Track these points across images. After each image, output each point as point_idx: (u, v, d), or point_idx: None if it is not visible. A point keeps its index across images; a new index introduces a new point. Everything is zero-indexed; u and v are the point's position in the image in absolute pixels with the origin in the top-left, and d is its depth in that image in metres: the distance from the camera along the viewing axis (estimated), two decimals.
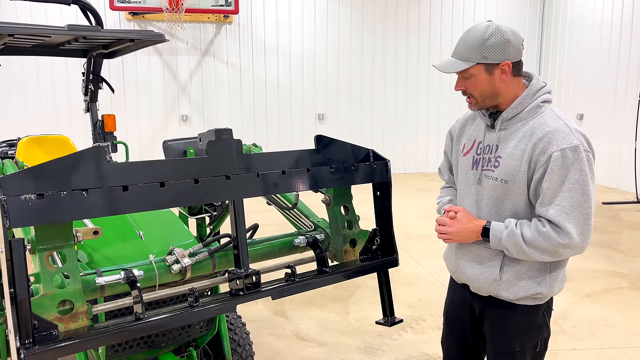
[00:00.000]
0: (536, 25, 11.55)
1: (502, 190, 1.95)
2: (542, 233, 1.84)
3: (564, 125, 1.85)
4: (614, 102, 9.68)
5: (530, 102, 1.93)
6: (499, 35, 1.87)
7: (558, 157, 1.80)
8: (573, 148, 1.80)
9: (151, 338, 2.28)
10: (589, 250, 5.85)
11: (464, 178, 2.12)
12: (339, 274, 2.15)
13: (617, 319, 4.28)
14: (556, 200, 1.81)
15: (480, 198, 2.03)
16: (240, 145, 1.84)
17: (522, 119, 1.93)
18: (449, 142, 2.29)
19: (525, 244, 1.86)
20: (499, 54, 1.88)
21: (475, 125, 2.13)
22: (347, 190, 2.29)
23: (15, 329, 1.43)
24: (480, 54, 1.88)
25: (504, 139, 1.96)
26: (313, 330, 4.10)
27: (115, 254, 2.24)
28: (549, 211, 1.82)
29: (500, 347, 2.06)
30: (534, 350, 2.06)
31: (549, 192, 1.82)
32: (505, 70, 1.90)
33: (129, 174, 1.61)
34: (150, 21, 9.80)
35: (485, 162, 2.00)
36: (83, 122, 7.25)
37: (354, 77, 10.99)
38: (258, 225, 2.22)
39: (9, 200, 1.40)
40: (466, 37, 1.92)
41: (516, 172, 1.90)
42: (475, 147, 2.07)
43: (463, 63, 1.90)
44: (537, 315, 2.05)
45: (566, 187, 1.80)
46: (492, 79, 1.91)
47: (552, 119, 1.88)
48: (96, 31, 3.21)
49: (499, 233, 1.91)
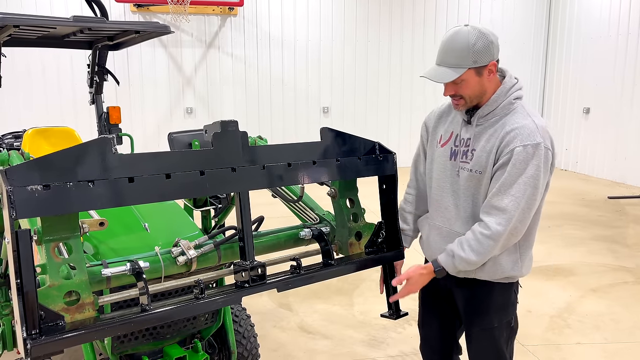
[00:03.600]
0: (543, 17, 11.46)
1: (477, 180, 2.08)
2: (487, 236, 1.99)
3: (532, 123, 1.99)
4: (620, 96, 9.62)
5: (503, 100, 2.05)
6: (483, 38, 1.98)
7: (520, 151, 1.94)
8: (535, 145, 1.95)
9: (157, 329, 2.29)
10: (595, 244, 5.92)
11: (442, 168, 2.22)
12: (344, 267, 2.15)
13: (622, 314, 4.27)
14: (511, 191, 1.96)
15: (457, 188, 2.16)
16: (246, 138, 1.84)
17: (495, 115, 2.06)
18: (424, 133, 2.37)
19: (474, 253, 2.01)
20: (487, 56, 1.99)
21: (451, 117, 2.24)
22: (353, 183, 2.28)
23: (21, 320, 1.44)
24: (470, 58, 1.97)
25: (478, 134, 2.08)
26: (318, 323, 4.11)
27: (121, 245, 2.24)
28: (504, 200, 1.97)
29: (480, 325, 2.20)
30: (509, 325, 2.22)
31: (506, 182, 1.97)
32: (492, 70, 2.03)
33: (134, 166, 1.60)
34: (155, 13, 9.78)
35: (461, 155, 2.13)
36: (88, 114, 7.25)
37: (359, 70, 10.95)
38: (263, 217, 2.21)
39: (15, 191, 1.40)
40: (452, 45, 1.99)
41: (487, 164, 2.04)
42: (453, 139, 2.19)
43: (455, 71, 1.98)
44: (510, 293, 2.20)
45: (522, 180, 1.95)
46: (482, 79, 2.02)
47: (522, 116, 2.02)
48: (101, 23, 3.20)
49: (448, 261, 2.07)
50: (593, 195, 8.59)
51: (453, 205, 2.17)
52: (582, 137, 10.61)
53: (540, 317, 4.20)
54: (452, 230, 2.18)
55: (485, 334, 2.20)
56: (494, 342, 2.21)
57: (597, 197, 8.46)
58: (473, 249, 2.02)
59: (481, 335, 2.22)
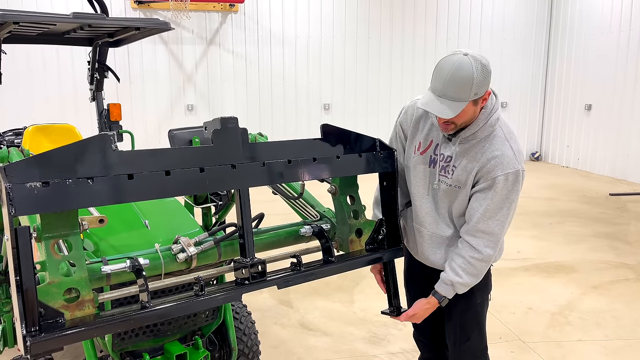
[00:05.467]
0: (544, 13, 11.41)
1: (455, 193, 2.20)
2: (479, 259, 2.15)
3: (509, 150, 2.11)
4: (622, 93, 9.59)
5: (485, 122, 2.11)
6: (482, 69, 1.97)
7: (502, 180, 2.08)
8: (515, 172, 2.09)
9: (157, 326, 2.29)
10: (596, 241, 5.92)
11: (421, 175, 2.28)
12: (345, 264, 2.15)
13: (623, 311, 4.27)
14: (496, 216, 2.11)
15: (435, 194, 2.26)
16: (246, 134, 1.83)
17: (476, 137, 2.13)
18: (401, 133, 2.38)
19: (470, 276, 2.18)
20: (485, 87, 2.02)
21: (429, 125, 2.27)
22: (353, 179, 2.27)
23: (21, 317, 1.44)
24: (472, 92, 1.97)
25: (460, 154, 2.16)
26: (318, 320, 4.11)
27: (120, 242, 2.24)
28: (490, 224, 2.12)
29: (466, 304, 2.34)
30: (487, 300, 2.43)
31: (490, 208, 2.11)
32: (486, 98, 2.08)
33: (134, 163, 1.60)
34: (155, 10, 9.76)
35: (441, 169, 2.22)
36: (89, 111, 7.25)
37: (360, 67, 10.93)
38: (264, 214, 2.21)
39: (14, 188, 1.39)
40: (455, 79, 1.95)
41: (466, 181, 2.15)
42: (433, 148, 2.25)
43: (457, 105, 1.98)
44: (488, 272, 2.37)
45: (505, 205, 2.11)
46: (477, 108, 2.07)
47: (501, 142, 2.12)
48: (101, 19, 3.19)
49: (448, 290, 2.22)
50: (594, 192, 8.58)
51: (432, 210, 2.28)
52: (583, 133, 10.59)
53: (541, 314, 4.19)
54: (434, 233, 2.30)
55: (470, 311, 2.37)
56: (477, 317, 2.40)
57: (598, 194, 8.44)
58: (469, 273, 2.17)
59: (467, 313, 2.37)
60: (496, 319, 4.04)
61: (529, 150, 11.82)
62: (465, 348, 2.42)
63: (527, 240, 5.99)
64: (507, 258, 4.64)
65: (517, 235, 6.02)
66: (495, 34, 11.11)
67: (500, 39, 11.17)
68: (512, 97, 11.36)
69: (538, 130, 11.88)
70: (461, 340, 2.41)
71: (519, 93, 11.50)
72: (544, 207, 7.64)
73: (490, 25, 11.09)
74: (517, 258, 5.38)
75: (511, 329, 3.95)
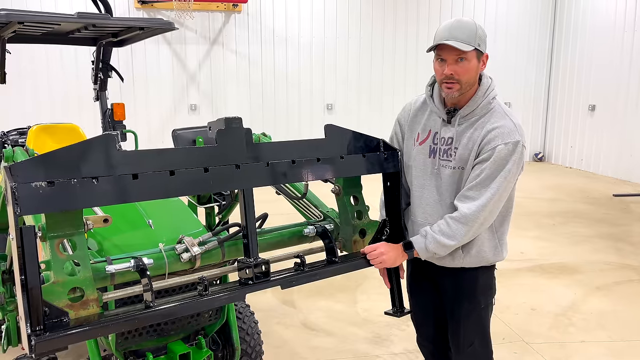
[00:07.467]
0: (548, 13, 11.39)
1: (459, 175, 2.19)
2: (456, 219, 2.11)
3: (510, 122, 2.13)
4: (626, 94, 9.56)
5: (483, 100, 2.15)
6: (483, 29, 2.11)
7: (502, 149, 2.08)
8: (515, 143, 2.10)
9: (160, 326, 2.29)
10: (599, 242, 5.90)
11: (421, 166, 2.28)
12: (348, 264, 2.15)
13: (627, 312, 4.25)
14: (493, 184, 2.09)
15: (440, 184, 2.23)
16: (250, 135, 1.83)
17: (475, 115, 2.17)
18: (399, 130, 2.42)
19: (443, 235, 2.12)
20: (484, 46, 2.11)
21: (427, 115, 2.31)
22: (357, 180, 2.27)
23: (26, 316, 1.44)
24: (476, 40, 2.07)
25: (460, 133, 2.18)
26: (321, 320, 4.11)
27: (125, 242, 2.24)
28: (482, 192, 2.09)
29: (469, 308, 2.32)
30: (491, 305, 2.40)
31: (488, 177, 2.09)
32: (484, 62, 2.14)
33: (138, 162, 1.60)
34: (159, 9, 9.77)
35: (442, 153, 2.21)
36: (92, 111, 7.25)
37: (363, 67, 10.92)
38: (267, 214, 2.21)
39: (19, 188, 1.40)
40: (460, 25, 2.08)
41: (468, 159, 2.15)
42: (432, 137, 2.26)
43: (467, 45, 2.05)
44: (492, 275, 2.36)
45: (502, 175, 2.09)
46: (477, 67, 2.12)
47: (501, 116, 2.15)
48: (106, 19, 3.20)
49: (420, 242, 2.17)
50: (598, 193, 8.56)
51: (435, 201, 2.24)
52: (587, 134, 10.56)
53: (545, 315, 4.18)
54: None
55: (473, 315, 2.33)
56: (481, 321, 2.36)
57: (602, 195, 8.42)
58: (442, 232, 2.13)
59: (470, 317, 2.33)
60: (499, 320, 4.03)
61: (533, 150, 11.79)
62: (469, 353, 2.37)
63: (530, 241, 5.98)
64: (511, 259, 4.64)
65: (521, 235, 6.01)
66: (498, 34, 11.08)
67: (504, 39, 11.14)
68: (515, 97, 11.32)
69: (541, 130, 11.85)
70: (464, 344, 2.37)
71: (522, 93, 11.48)
72: (548, 207, 7.62)
73: (494, 25, 11.06)
74: (521, 259, 5.37)
75: (514, 329, 3.94)
